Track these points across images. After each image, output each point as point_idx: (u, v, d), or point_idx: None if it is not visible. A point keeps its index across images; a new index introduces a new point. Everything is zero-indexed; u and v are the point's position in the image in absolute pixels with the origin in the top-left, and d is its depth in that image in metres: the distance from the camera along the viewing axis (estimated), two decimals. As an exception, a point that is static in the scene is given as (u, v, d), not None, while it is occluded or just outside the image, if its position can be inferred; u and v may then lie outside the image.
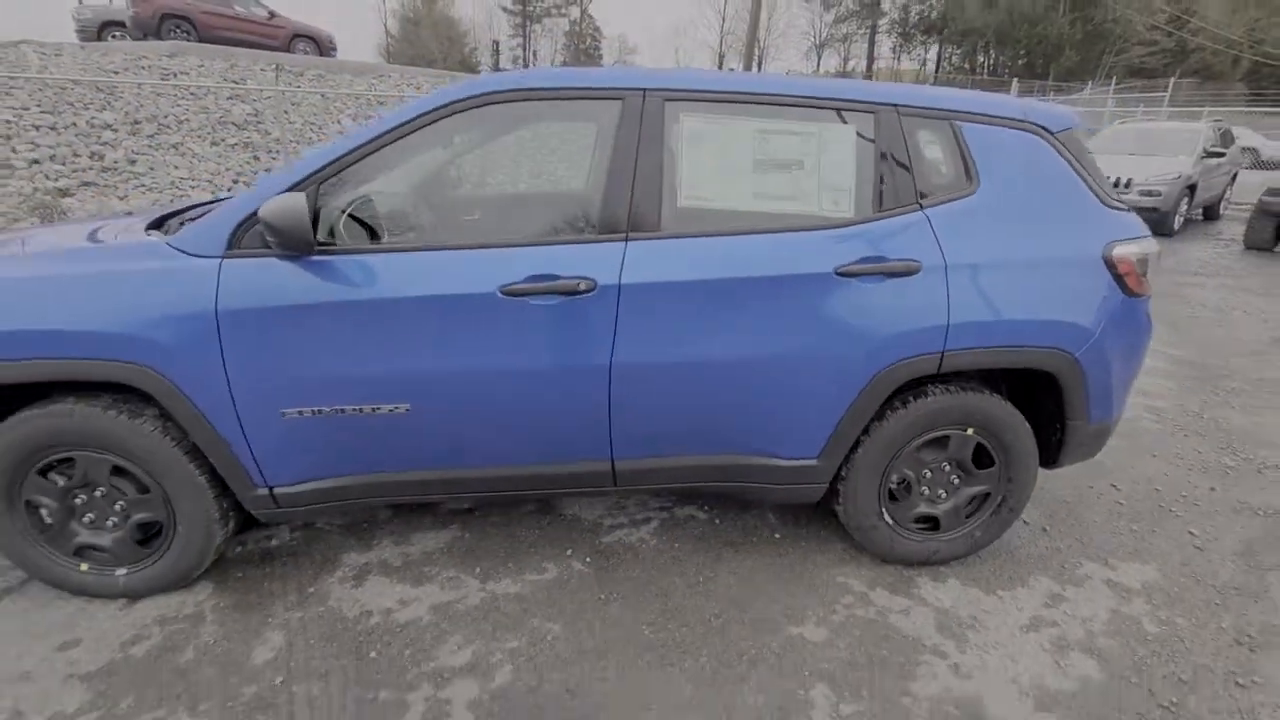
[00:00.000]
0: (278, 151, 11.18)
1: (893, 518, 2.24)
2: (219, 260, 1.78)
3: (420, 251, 1.86)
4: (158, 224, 2.14)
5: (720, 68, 40.83)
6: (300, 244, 1.69)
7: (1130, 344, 2.16)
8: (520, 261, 1.84)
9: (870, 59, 41.45)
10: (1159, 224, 9.24)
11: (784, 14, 57.97)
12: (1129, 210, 2.17)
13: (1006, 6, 32.64)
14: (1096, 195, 2.10)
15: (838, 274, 1.91)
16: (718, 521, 2.56)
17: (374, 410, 1.88)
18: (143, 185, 9.48)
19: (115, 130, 10.18)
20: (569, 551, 2.36)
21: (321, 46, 15.71)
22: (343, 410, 1.87)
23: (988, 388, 2.15)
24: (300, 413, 1.86)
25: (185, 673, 1.80)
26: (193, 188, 9.83)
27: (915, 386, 2.10)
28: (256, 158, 11.02)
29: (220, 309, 1.76)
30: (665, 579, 2.23)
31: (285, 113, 10.40)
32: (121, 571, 2.02)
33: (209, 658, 1.85)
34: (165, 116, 10.88)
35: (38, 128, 9.69)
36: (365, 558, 2.29)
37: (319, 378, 1.83)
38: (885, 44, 41.64)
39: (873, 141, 1.99)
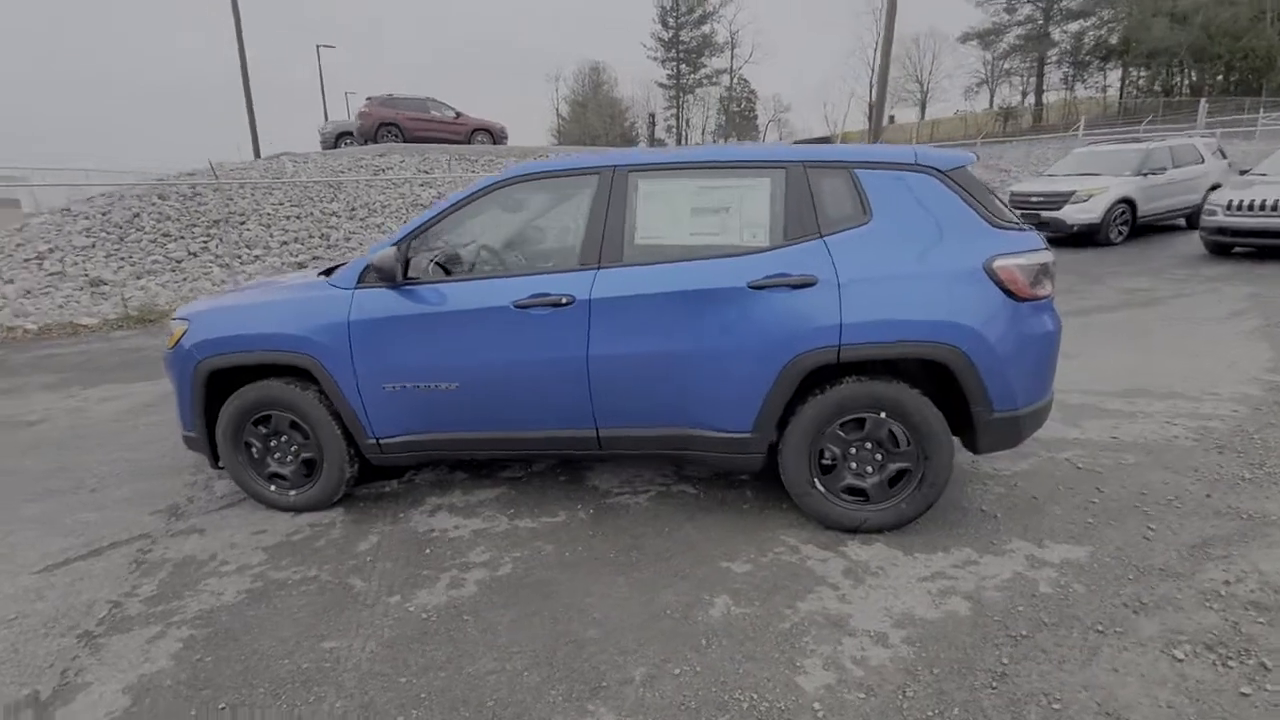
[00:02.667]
0: (454, 225, 13.54)
1: (824, 487, 2.73)
2: (352, 290, 2.88)
3: (464, 281, 2.83)
4: (326, 272, 3.34)
5: (871, 116, 40.59)
6: (392, 278, 2.73)
7: (1024, 340, 2.51)
8: (527, 286, 2.73)
9: (1039, 91, 38.66)
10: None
11: (952, 54, 56.21)
12: (1025, 229, 2.57)
13: (1201, 22, 29.01)
14: (984, 218, 2.54)
15: (750, 287, 2.56)
16: (702, 496, 3.18)
17: (436, 386, 2.84)
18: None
19: (339, 216, 13.07)
20: (579, 506, 3.12)
21: (495, 136, 18.60)
22: (418, 386, 2.85)
23: (897, 378, 2.61)
24: (394, 387, 2.87)
25: (318, 550, 2.82)
26: (389, 257, 12.29)
27: (833, 375, 2.63)
28: (438, 231, 13.45)
29: (350, 320, 2.84)
30: (641, 527, 2.90)
31: (460, 193, 12.71)
32: (293, 492, 3.14)
33: (333, 545, 2.87)
34: (374, 203, 13.71)
35: (288, 217, 12.79)
36: (440, 501, 3.24)
37: (404, 364, 2.84)
38: (1055, 74, 38.73)
39: (783, 190, 2.64)
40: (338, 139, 19.08)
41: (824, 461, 2.72)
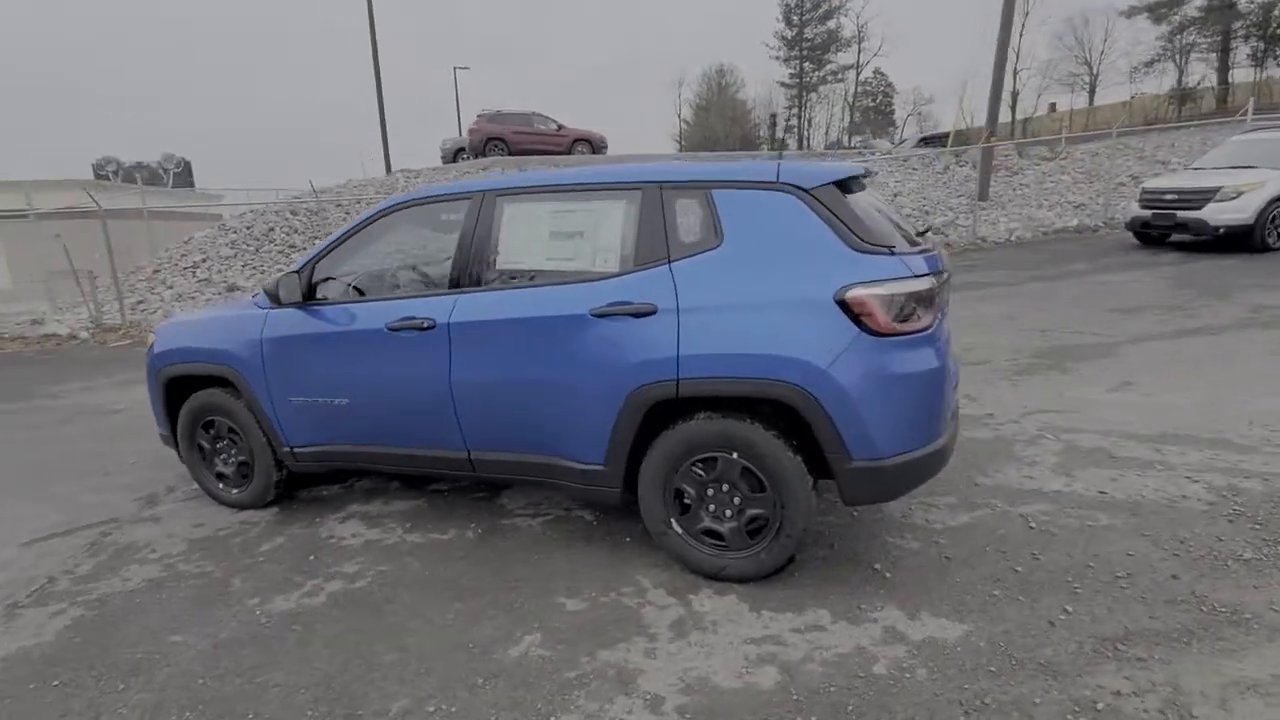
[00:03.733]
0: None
1: (682, 528, 2.55)
2: (267, 310, 3.12)
3: (348, 304, 2.97)
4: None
5: (1014, 108, 36.69)
6: (276, 299, 2.94)
7: (885, 381, 2.19)
8: (400, 309, 2.81)
9: (1224, 69, 32.64)
10: None
11: (1127, 32, 49.48)
12: (896, 254, 2.24)
13: None
14: (846, 242, 2.24)
15: (592, 315, 2.45)
16: (596, 524, 3.08)
17: (330, 401, 3.01)
18: (447, 265, 12.97)
19: (439, 227, 14.08)
20: (473, 524, 3.15)
21: (594, 146, 19.13)
22: (316, 400, 3.04)
23: (751, 416, 2.37)
24: (300, 401, 3.08)
25: (230, 547, 3.09)
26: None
27: (685, 410, 2.45)
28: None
29: (263, 338, 3.09)
30: (518, 552, 2.88)
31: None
32: (234, 491, 3.46)
33: (244, 544, 3.12)
34: (471, 214, 14.62)
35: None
36: (359, 509, 3.41)
37: (303, 378, 3.03)
38: (1245, 49, 32.35)
39: (637, 213, 2.50)
40: (456, 154, 20.53)
41: (685, 501, 2.54)
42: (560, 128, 19.01)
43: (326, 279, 3.07)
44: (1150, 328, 5.87)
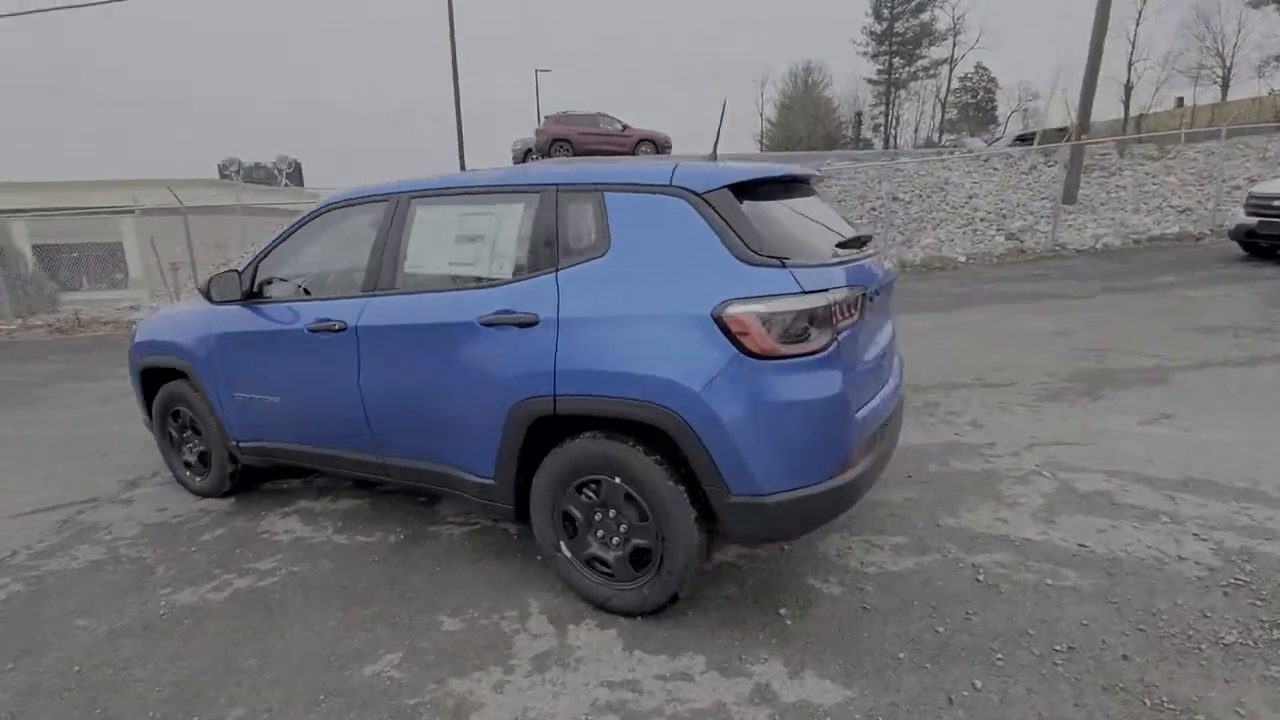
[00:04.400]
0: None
1: (571, 552, 2.39)
2: (218, 306, 3.21)
3: (279, 303, 2.99)
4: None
5: (1126, 102, 33.28)
6: (208, 296, 3.02)
7: (764, 409, 1.95)
8: (318, 310, 2.81)
9: None
10: None
11: (1263, 22, 44.31)
12: (786, 266, 1.99)
13: None
14: (735, 252, 2.02)
15: (481, 323, 2.34)
16: (515, 539, 2.98)
17: (265, 399, 3.05)
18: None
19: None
20: (400, 529, 3.12)
21: (659, 146, 19.00)
22: (253, 397, 3.10)
23: (634, 440, 2.19)
24: (240, 396, 3.15)
25: (175, 535, 3.20)
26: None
27: (573, 428, 2.30)
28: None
29: (211, 333, 3.18)
30: (425, 561, 2.82)
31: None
32: (198, 479, 3.60)
33: (190, 532, 3.23)
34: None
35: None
36: (306, 505, 3.46)
37: (243, 375, 3.10)
38: None
39: (533, 217, 2.36)
40: (525, 154, 20.98)
41: (576, 525, 2.39)
42: (625, 128, 19.01)
43: (269, 278, 3.12)
44: (1223, 351, 5.12)
